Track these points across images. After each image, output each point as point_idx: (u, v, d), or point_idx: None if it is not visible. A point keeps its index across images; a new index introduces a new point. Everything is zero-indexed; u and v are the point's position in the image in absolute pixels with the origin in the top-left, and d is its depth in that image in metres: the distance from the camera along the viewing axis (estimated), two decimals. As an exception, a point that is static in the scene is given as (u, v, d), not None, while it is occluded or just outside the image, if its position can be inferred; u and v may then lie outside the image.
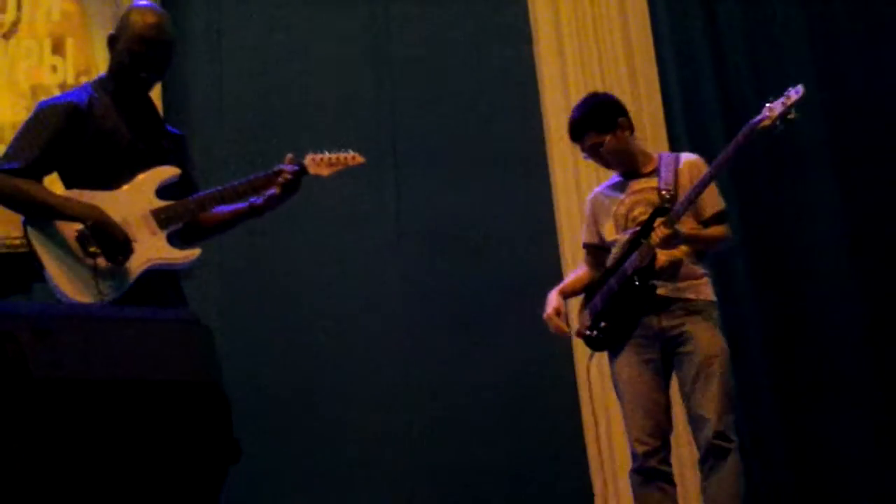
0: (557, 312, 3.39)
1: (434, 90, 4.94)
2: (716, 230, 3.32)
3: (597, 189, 3.57)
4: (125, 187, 2.82)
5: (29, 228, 2.75)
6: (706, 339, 3.18)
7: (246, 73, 4.92)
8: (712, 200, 3.32)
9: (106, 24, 4.82)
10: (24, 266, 3.00)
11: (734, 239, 3.48)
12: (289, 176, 2.95)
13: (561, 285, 3.58)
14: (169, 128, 3.10)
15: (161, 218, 2.81)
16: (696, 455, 3.23)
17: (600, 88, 4.71)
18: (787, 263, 4.71)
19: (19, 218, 2.82)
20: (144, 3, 3.07)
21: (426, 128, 4.87)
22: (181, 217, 2.85)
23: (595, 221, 3.47)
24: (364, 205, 4.75)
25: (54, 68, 4.79)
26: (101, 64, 4.77)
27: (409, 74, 4.94)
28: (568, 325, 3.46)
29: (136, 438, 1.60)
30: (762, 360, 4.51)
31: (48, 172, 2.84)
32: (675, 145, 4.57)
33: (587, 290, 3.48)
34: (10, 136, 4.52)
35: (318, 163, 3.04)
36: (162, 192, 2.87)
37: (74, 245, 2.71)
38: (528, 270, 4.60)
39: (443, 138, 4.84)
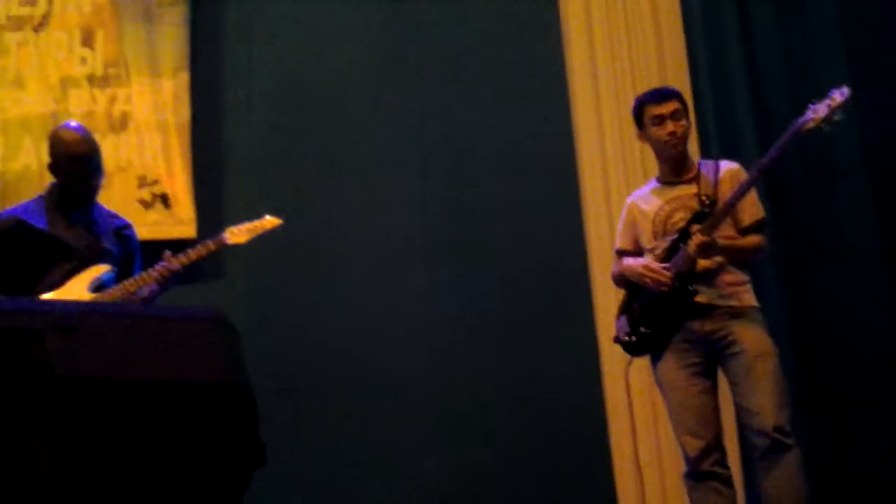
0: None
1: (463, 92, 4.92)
2: (751, 240, 3.26)
3: (635, 193, 3.51)
4: (59, 289, 3.11)
5: None
6: (753, 338, 3.12)
7: (276, 74, 4.91)
8: (752, 208, 3.28)
9: (136, 16, 4.80)
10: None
11: (767, 250, 3.39)
12: (184, 262, 3.24)
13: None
14: (118, 221, 3.40)
15: None
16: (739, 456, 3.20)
17: (630, 88, 4.69)
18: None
19: None
20: (65, 124, 3.43)
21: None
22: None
23: (632, 227, 3.41)
24: (393, 211, 4.75)
25: (83, 60, 4.78)
26: (129, 56, 4.78)
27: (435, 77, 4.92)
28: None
29: (160, 439, 1.58)
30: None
31: None
32: (706, 149, 4.50)
33: (627, 295, 3.41)
34: (39, 127, 4.64)
35: (236, 233, 3.35)
36: (98, 287, 3.18)
37: None
38: (554, 276, 4.58)
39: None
